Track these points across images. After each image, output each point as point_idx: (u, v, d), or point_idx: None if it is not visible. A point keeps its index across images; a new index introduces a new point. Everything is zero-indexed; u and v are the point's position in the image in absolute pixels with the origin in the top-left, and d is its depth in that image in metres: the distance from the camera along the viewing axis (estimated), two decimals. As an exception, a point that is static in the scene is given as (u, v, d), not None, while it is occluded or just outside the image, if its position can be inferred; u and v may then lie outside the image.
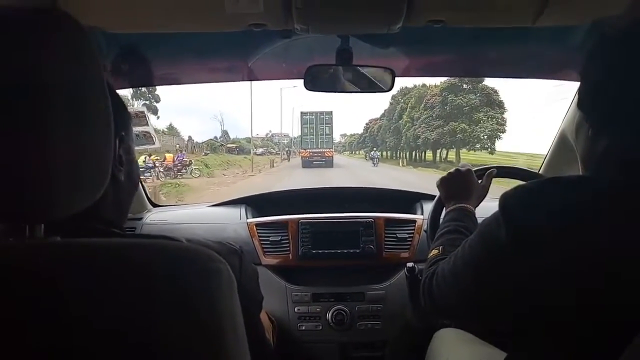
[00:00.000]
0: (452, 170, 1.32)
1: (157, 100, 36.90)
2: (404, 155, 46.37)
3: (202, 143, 44.58)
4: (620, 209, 0.69)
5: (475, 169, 1.35)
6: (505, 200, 0.77)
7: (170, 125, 42.99)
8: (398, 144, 47.78)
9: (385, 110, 49.24)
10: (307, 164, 34.89)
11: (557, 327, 0.73)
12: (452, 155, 39.03)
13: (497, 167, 1.38)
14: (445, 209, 1.24)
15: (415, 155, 45.13)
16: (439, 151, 40.59)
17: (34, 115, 0.45)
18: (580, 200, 0.71)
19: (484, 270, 0.79)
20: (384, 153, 57.13)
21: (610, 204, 0.70)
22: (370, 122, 65.64)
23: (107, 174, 0.53)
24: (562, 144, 1.72)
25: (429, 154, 42.70)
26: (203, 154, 36.70)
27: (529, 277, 0.72)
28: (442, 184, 1.30)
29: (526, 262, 0.71)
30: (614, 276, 0.67)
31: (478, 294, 0.82)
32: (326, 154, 36.40)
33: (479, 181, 1.30)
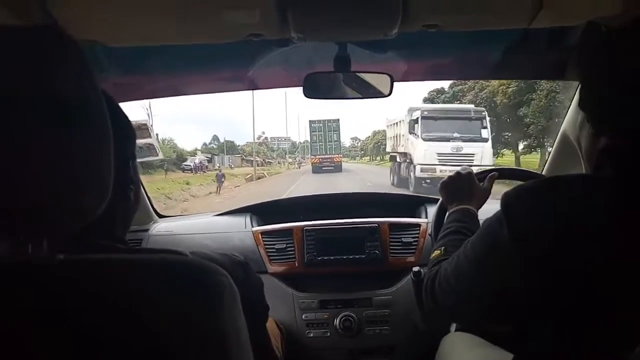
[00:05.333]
0: (452, 173, 1.33)
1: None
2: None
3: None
4: (620, 206, 0.69)
5: (477, 171, 1.35)
6: (507, 199, 0.77)
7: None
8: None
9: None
10: (317, 169, 36.20)
11: (561, 326, 0.73)
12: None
13: (498, 169, 1.39)
14: (448, 211, 1.24)
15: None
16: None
17: (35, 132, 0.46)
18: (581, 198, 0.71)
19: (486, 270, 0.80)
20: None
21: (610, 202, 0.70)
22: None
23: (108, 190, 0.54)
24: (564, 145, 1.71)
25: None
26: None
27: (531, 276, 0.72)
28: (444, 187, 1.31)
29: (528, 261, 0.71)
30: (617, 274, 0.67)
31: (480, 293, 0.82)
32: (335, 160, 37.57)
33: (481, 184, 1.31)
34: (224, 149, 65.13)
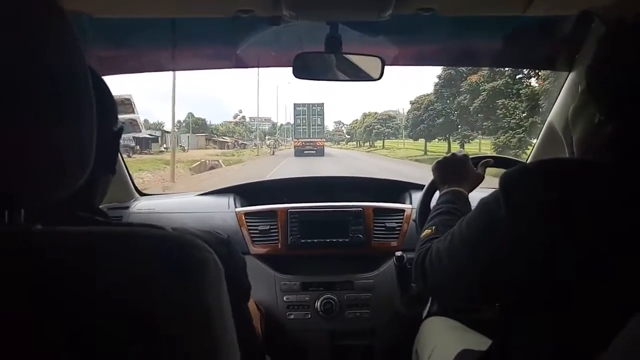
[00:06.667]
0: (448, 154, 1.32)
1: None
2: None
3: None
4: (621, 190, 0.70)
5: (472, 156, 1.35)
6: (506, 179, 0.76)
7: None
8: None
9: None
10: (299, 152, 36.82)
11: (552, 307, 0.74)
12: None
13: (493, 157, 1.39)
14: (439, 192, 1.24)
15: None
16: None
17: (13, 99, 0.44)
18: (581, 182, 0.72)
19: (481, 248, 0.79)
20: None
21: (611, 185, 0.71)
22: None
23: (89, 161, 0.52)
24: (550, 135, 1.73)
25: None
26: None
27: (525, 255, 0.72)
28: (438, 167, 1.30)
29: (524, 241, 0.72)
30: (613, 256, 0.68)
31: (474, 272, 0.82)
32: (318, 144, 38.34)
33: (474, 168, 1.31)
34: (189, 127, 57.48)
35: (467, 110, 29.49)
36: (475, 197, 1.22)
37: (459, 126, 32.69)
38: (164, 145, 35.25)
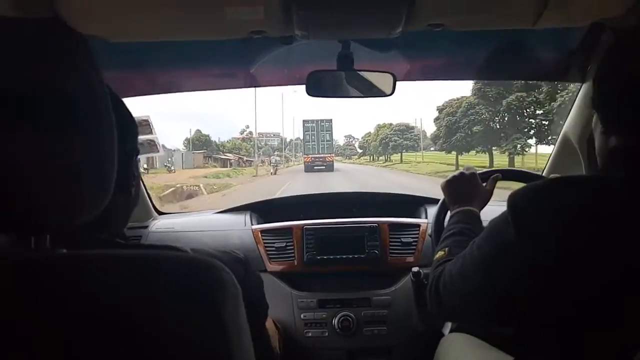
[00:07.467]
0: (456, 173, 1.32)
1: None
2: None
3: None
4: (627, 207, 0.69)
5: (480, 172, 1.34)
6: (514, 199, 0.76)
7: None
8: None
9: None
10: (309, 168, 37.19)
11: (565, 330, 0.73)
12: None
13: (501, 171, 1.38)
14: (450, 212, 1.23)
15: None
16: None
17: (38, 126, 0.45)
18: (588, 199, 0.71)
19: (493, 270, 0.79)
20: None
21: (617, 202, 0.70)
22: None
23: (111, 185, 0.53)
24: (565, 146, 1.71)
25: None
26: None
27: (537, 278, 0.71)
28: (447, 186, 1.29)
29: (535, 261, 0.71)
30: (624, 278, 0.67)
31: (486, 294, 0.82)
32: (327, 159, 38.77)
33: (483, 184, 1.30)
34: (189, 145, 52.79)
35: (519, 111, 24.81)
36: (489, 211, 1.22)
37: (503, 134, 26.76)
38: (144, 166, 27.18)
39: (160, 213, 2.16)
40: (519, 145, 25.82)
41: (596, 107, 0.81)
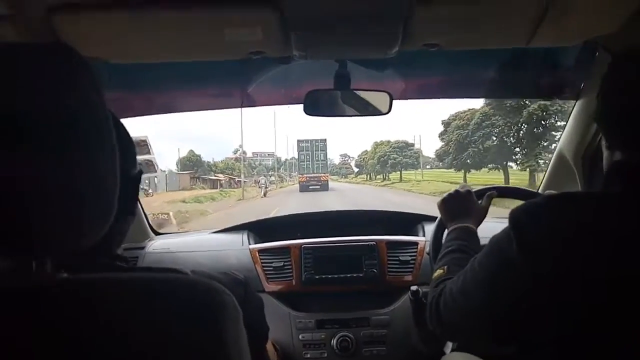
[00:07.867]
0: (451, 191, 1.32)
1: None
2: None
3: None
4: (627, 222, 0.69)
5: (475, 189, 1.35)
6: (516, 215, 0.76)
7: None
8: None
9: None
10: (304, 188, 37.08)
11: (568, 346, 0.72)
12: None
13: (496, 188, 1.39)
14: (447, 229, 1.24)
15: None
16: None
17: (39, 149, 0.45)
18: (591, 215, 0.71)
19: (496, 286, 0.78)
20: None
21: (617, 217, 0.70)
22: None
23: (113, 206, 0.53)
24: (560, 163, 1.72)
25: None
26: None
27: (540, 294, 0.71)
28: (443, 204, 1.30)
29: (537, 278, 0.71)
30: (626, 292, 0.67)
31: (490, 311, 0.81)
32: (322, 179, 38.87)
33: (479, 202, 1.31)
34: (178, 165, 49.56)
35: (541, 122, 22.10)
36: (485, 228, 1.22)
37: (518, 148, 23.97)
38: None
39: (157, 233, 2.14)
40: (541, 161, 22.51)
41: (597, 121, 0.82)
